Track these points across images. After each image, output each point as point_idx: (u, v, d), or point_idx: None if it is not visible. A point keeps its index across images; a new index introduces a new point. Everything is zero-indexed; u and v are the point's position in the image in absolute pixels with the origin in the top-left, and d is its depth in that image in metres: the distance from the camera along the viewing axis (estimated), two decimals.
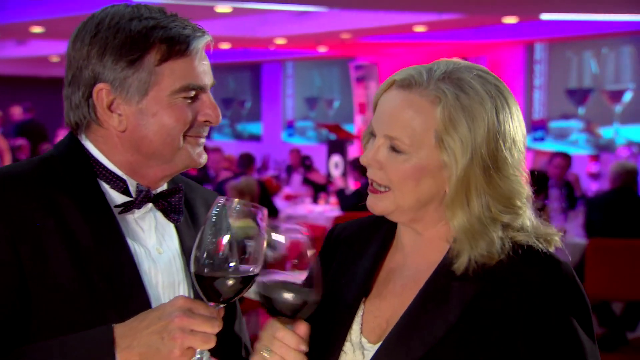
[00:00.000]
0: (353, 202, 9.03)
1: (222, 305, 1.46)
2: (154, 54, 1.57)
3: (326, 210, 9.72)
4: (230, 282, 1.44)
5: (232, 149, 15.72)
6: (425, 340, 1.52)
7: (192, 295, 1.65)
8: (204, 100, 1.63)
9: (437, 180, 1.56)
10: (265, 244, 1.46)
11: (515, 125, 1.57)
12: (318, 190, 11.25)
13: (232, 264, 1.43)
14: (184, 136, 1.61)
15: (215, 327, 1.42)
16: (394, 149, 1.57)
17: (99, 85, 1.58)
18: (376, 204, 1.60)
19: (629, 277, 6.62)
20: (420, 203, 1.58)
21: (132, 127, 1.59)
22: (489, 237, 1.54)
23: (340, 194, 9.59)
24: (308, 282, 1.48)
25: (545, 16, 10.84)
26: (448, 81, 1.55)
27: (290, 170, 13.92)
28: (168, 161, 1.62)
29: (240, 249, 1.44)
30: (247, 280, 1.45)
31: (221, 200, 1.47)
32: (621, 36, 13.05)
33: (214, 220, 1.45)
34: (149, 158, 1.61)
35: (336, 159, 13.78)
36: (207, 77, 1.62)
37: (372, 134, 1.62)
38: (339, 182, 10.90)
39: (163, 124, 1.58)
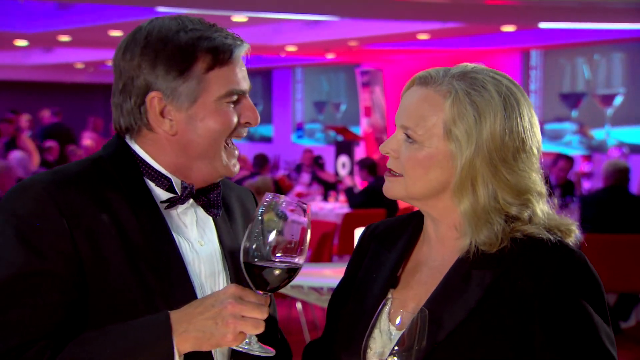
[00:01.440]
0: (361, 200, 9.06)
1: (269, 293, 1.49)
2: (201, 63, 1.59)
3: (336, 208, 9.73)
4: (277, 272, 1.47)
5: (245, 149, 15.73)
6: (447, 325, 1.53)
7: (230, 284, 1.66)
8: (244, 104, 1.65)
9: (445, 170, 1.58)
10: (309, 236, 1.50)
11: (526, 126, 1.58)
12: (328, 188, 11.26)
13: (278, 255, 1.47)
14: (227, 143, 1.64)
15: (264, 313, 1.44)
16: (408, 138, 1.61)
17: (152, 94, 1.59)
18: (389, 188, 1.64)
19: (622, 270, 6.62)
20: (431, 191, 1.60)
21: (181, 131, 1.61)
22: (490, 225, 1.56)
23: (349, 192, 9.60)
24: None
25: (543, 25, 10.84)
26: (462, 79, 1.59)
27: (299, 169, 13.93)
28: (210, 163, 1.64)
29: (286, 241, 1.47)
30: (292, 271, 1.48)
31: (269, 196, 1.50)
32: (612, 43, 13.03)
33: (262, 214, 1.48)
34: (194, 160, 1.63)
35: (343, 159, 13.80)
36: (245, 82, 1.65)
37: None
38: (347, 181, 10.90)
39: (210, 128, 1.61)
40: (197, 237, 1.66)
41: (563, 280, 1.53)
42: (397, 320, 1.56)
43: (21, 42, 13.79)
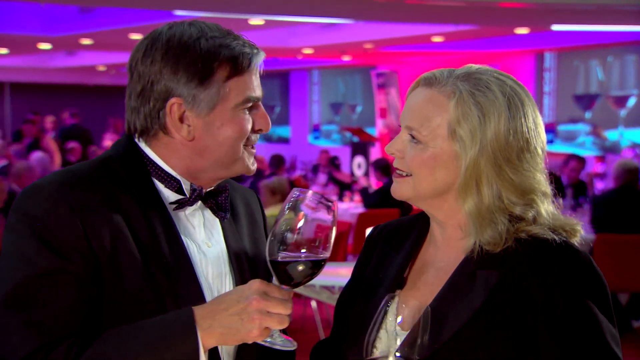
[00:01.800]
0: (375, 200, 9.05)
1: (293, 289, 1.48)
2: (221, 71, 1.58)
3: (350, 207, 9.72)
4: (301, 267, 1.46)
5: (262, 150, 15.76)
6: (452, 325, 1.52)
7: (235, 285, 1.66)
8: (257, 111, 1.65)
9: (451, 170, 1.58)
10: (334, 233, 1.48)
11: (530, 126, 1.57)
12: (343, 188, 11.26)
13: (303, 251, 1.46)
14: (244, 146, 1.63)
15: (288, 309, 1.44)
16: (413, 139, 1.60)
17: (172, 100, 1.58)
18: (397, 189, 1.63)
19: (634, 269, 6.58)
20: (437, 191, 1.59)
21: (198, 137, 1.60)
22: (494, 225, 1.55)
23: (364, 192, 9.59)
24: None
25: (556, 27, 10.78)
26: (466, 80, 1.58)
27: (316, 169, 13.93)
28: (226, 168, 1.63)
29: (311, 237, 1.46)
30: (317, 266, 1.47)
31: (296, 192, 1.49)
32: (625, 45, 12.94)
33: (288, 210, 1.47)
34: (209, 164, 1.62)
35: (359, 160, 13.78)
36: (259, 90, 1.65)
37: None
38: (362, 182, 10.88)
39: (227, 136, 1.60)
40: (204, 238, 1.65)
41: (568, 280, 1.51)
42: (399, 319, 1.56)
43: (45, 46, 13.89)
